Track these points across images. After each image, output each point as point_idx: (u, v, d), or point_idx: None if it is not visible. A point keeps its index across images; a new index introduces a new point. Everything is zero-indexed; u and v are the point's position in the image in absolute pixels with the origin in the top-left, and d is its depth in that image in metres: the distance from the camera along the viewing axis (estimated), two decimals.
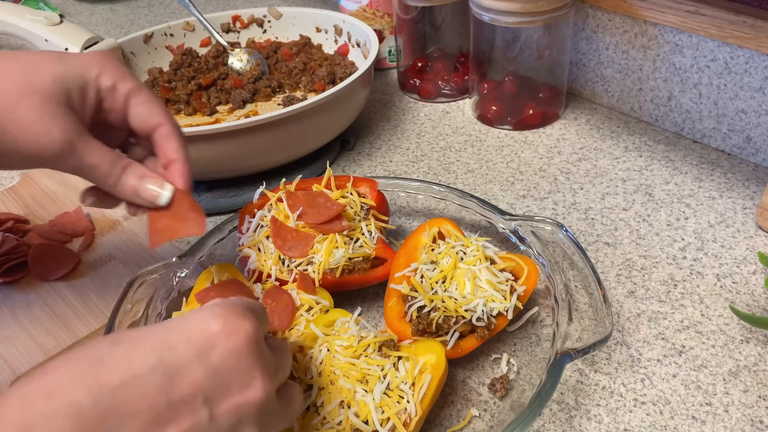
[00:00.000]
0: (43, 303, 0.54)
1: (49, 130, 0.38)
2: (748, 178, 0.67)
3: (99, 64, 0.41)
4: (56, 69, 0.39)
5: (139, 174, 0.42)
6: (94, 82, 0.41)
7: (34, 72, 0.39)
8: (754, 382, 0.46)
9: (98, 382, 0.28)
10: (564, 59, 0.76)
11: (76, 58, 0.40)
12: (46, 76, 0.39)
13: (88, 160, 0.40)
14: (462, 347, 0.46)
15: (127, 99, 0.42)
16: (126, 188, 0.42)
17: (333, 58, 0.86)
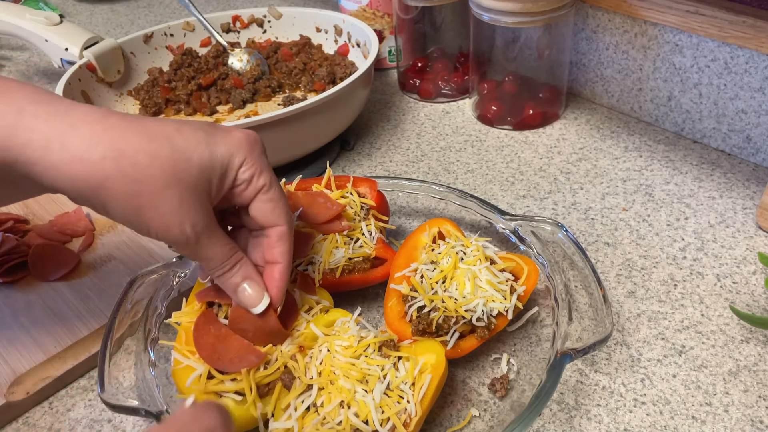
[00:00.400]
0: (43, 303, 0.54)
1: (182, 222, 0.38)
2: (748, 178, 0.67)
3: (243, 153, 0.40)
4: (203, 156, 0.38)
5: (244, 275, 0.42)
6: (234, 171, 0.40)
7: (183, 160, 0.37)
8: (754, 382, 0.46)
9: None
10: (564, 59, 0.76)
11: (224, 140, 0.39)
12: (193, 165, 0.38)
13: (206, 253, 0.40)
14: (462, 347, 0.46)
15: (257, 193, 0.41)
16: (228, 283, 0.42)
17: (333, 58, 0.86)
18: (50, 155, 0.34)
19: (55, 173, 0.35)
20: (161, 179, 0.36)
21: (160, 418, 0.41)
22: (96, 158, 0.35)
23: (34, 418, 0.48)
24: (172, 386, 0.45)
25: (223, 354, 0.41)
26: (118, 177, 0.35)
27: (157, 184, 0.36)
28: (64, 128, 0.35)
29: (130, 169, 0.36)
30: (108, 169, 0.35)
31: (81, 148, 0.35)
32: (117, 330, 0.46)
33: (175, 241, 0.39)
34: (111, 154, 0.35)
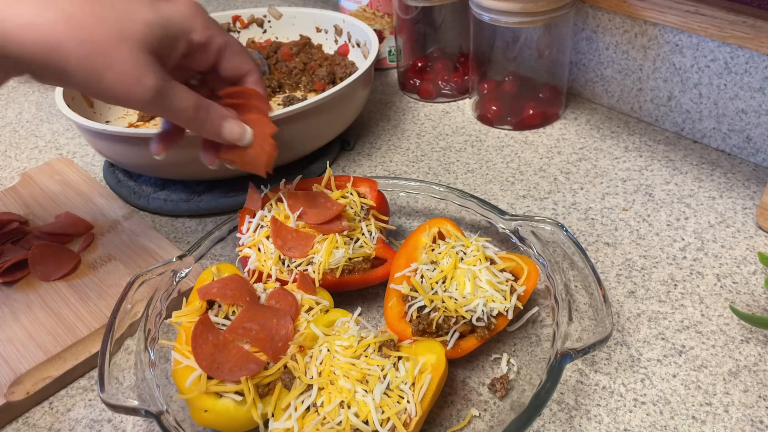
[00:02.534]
0: (43, 303, 0.54)
1: (140, 77, 0.40)
2: (748, 178, 0.67)
3: (191, 17, 0.43)
4: (147, 16, 0.40)
5: (220, 116, 0.46)
6: (185, 36, 0.43)
7: (128, 18, 0.39)
8: (754, 382, 0.46)
9: None
10: (564, 59, 0.76)
11: (169, 7, 0.42)
12: (137, 23, 0.40)
13: (176, 104, 0.43)
14: (462, 347, 0.46)
15: (220, 52, 0.45)
16: (209, 130, 0.45)
17: (333, 58, 0.86)
18: (3, 23, 0.36)
19: (8, 41, 0.36)
20: (110, 37, 0.38)
21: (160, 418, 0.41)
22: (47, 23, 0.37)
23: (34, 418, 0.48)
24: (172, 386, 0.45)
25: (222, 363, 0.41)
26: (71, 40, 0.37)
27: (107, 42, 0.38)
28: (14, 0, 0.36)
29: (80, 32, 0.37)
30: (60, 33, 0.37)
31: (32, 14, 0.36)
32: (117, 330, 0.46)
33: (140, 98, 0.40)
34: (61, 18, 0.37)
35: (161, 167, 0.65)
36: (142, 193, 0.69)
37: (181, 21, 0.42)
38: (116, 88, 0.40)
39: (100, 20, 0.38)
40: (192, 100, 0.44)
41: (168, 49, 0.42)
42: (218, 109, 0.46)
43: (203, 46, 0.44)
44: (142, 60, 0.40)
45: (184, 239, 0.65)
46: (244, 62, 0.47)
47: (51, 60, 0.38)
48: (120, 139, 0.62)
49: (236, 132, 0.46)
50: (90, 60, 0.38)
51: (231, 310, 0.45)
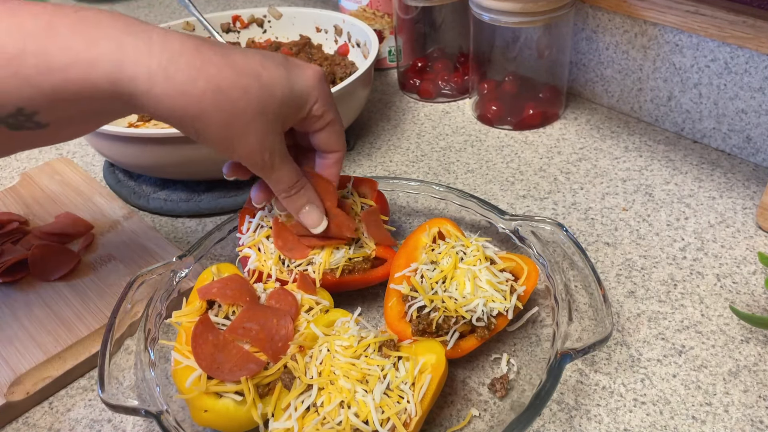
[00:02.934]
0: (43, 303, 0.54)
1: (263, 150, 0.43)
2: (748, 178, 0.67)
3: (318, 90, 0.45)
4: (284, 91, 0.42)
5: (308, 198, 0.49)
6: (309, 106, 0.45)
7: (268, 95, 0.41)
8: (754, 382, 0.46)
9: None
10: (564, 59, 0.76)
11: (301, 78, 0.44)
12: (276, 99, 0.42)
13: (276, 178, 0.46)
14: (462, 347, 0.46)
15: (326, 126, 0.47)
16: (294, 205, 0.48)
17: (333, 58, 0.86)
18: (155, 88, 0.37)
19: (158, 104, 0.38)
20: (250, 113, 0.41)
21: (160, 418, 0.41)
22: (197, 92, 0.38)
23: (34, 418, 0.48)
24: (172, 386, 0.45)
25: (222, 363, 0.41)
26: (215, 110, 0.39)
27: (246, 118, 0.41)
28: (164, 62, 0.37)
29: (226, 104, 0.39)
30: (206, 103, 0.39)
31: (183, 82, 0.38)
32: (117, 330, 0.46)
33: (255, 165, 0.44)
34: (210, 89, 0.39)
35: (161, 167, 0.65)
36: (142, 193, 0.69)
37: (309, 91, 0.44)
38: (240, 154, 0.43)
39: (244, 93, 0.40)
40: (293, 179, 0.47)
41: (293, 119, 0.45)
42: (309, 193, 0.49)
43: (316, 118, 0.46)
44: (271, 135, 0.43)
45: (184, 239, 0.65)
46: (338, 141, 0.49)
47: (193, 123, 0.40)
48: (120, 139, 0.62)
49: (314, 220, 0.49)
50: (227, 129, 0.41)
51: (231, 310, 0.45)
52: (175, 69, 0.38)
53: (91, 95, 0.37)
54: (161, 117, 0.40)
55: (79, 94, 0.36)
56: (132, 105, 0.39)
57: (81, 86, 0.36)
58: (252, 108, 0.41)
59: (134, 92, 0.37)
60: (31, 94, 0.35)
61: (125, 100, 0.38)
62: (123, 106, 0.39)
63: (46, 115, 0.37)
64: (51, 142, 0.40)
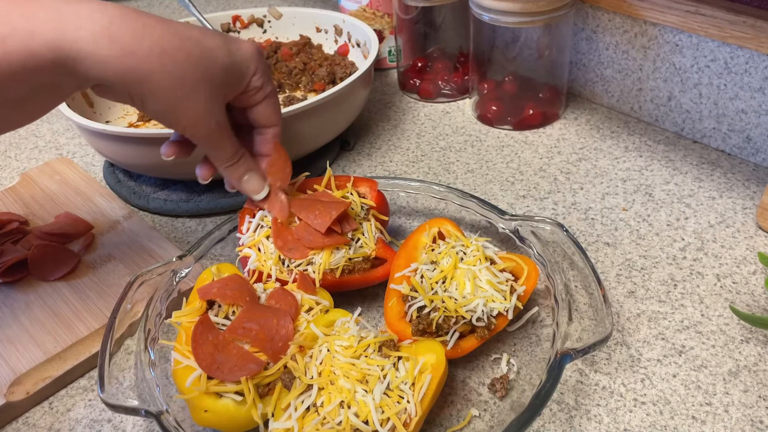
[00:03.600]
0: (43, 303, 0.54)
1: (209, 118, 0.43)
2: (748, 178, 0.67)
3: (256, 61, 0.46)
4: (225, 59, 0.43)
5: (247, 167, 0.49)
6: (249, 78, 0.45)
7: (211, 60, 0.42)
8: (754, 382, 0.46)
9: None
10: (564, 59, 0.76)
11: (239, 49, 0.44)
12: (218, 66, 0.43)
13: (221, 145, 0.46)
14: (462, 347, 0.46)
15: (263, 98, 0.48)
16: (235, 174, 0.49)
17: (333, 58, 0.86)
18: (99, 50, 0.37)
19: (104, 67, 0.38)
20: (196, 77, 0.41)
21: (160, 418, 0.41)
22: (143, 53, 0.38)
23: (34, 418, 0.48)
24: (172, 386, 0.45)
25: (222, 363, 0.41)
26: (161, 72, 0.39)
27: (192, 82, 0.41)
28: (107, 24, 0.37)
29: (171, 66, 0.39)
30: (153, 64, 0.39)
31: (128, 42, 0.38)
32: (117, 330, 0.46)
33: (201, 134, 0.44)
34: (155, 50, 0.39)
35: (161, 167, 0.65)
36: (142, 193, 0.70)
37: (248, 62, 0.45)
38: (186, 119, 0.43)
39: (189, 56, 0.41)
40: (234, 147, 0.48)
41: (234, 90, 0.45)
42: (248, 161, 0.49)
43: (255, 89, 0.47)
44: (214, 101, 0.43)
45: (184, 239, 0.65)
46: (274, 114, 0.50)
47: (138, 87, 0.40)
48: (120, 139, 0.62)
49: (255, 187, 0.50)
50: (173, 92, 0.41)
51: (231, 310, 0.45)
52: (118, 30, 0.38)
53: (34, 66, 0.36)
54: (107, 81, 0.39)
55: (21, 66, 0.36)
56: (77, 73, 0.38)
57: (21, 58, 0.35)
58: (197, 73, 0.41)
59: (78, 56, 0.37)
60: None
61: (69, 68, 0.37)
62: (68, 78, 0.38)
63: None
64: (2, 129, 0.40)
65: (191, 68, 0.41)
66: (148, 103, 0.41)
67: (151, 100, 0.41)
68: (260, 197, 0.51)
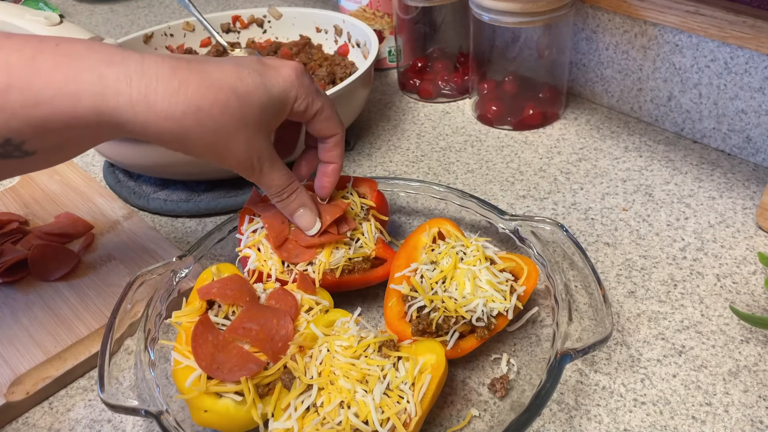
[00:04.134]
0: (43, 303, 0.54)
1: (251, 157, 0.45)
2: (748, 178, 0.67)
3: (296, 87, 0.46)
4: (263, 99, 0.44)
5: (300, 202, 0.50)
6: (290, 106, 0.46)
7: (248, 104, 0.43)
8: (754, 382, 0.46)
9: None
10: (564, 59, 0.76)
11: (277, 80, 0.45)
12: (255, 108, 0.43)
13: (267, 182, 0.47)
14: (462, 347, 0.46)
15: (313, 116, 0.48)
16: (287, 209, 0.50)
17: (333, 58, 0.86)
18: (138, 116, 0.39)
19: (144, 130, 0.40)
20: (233, 126, 0.42)
21: (160, 418, 0.41)
22: (178, 116, 0.40)
23: (34, 418, 0.48)
24: (172, 386, 0.45)
25: (222, 363, 0.41)
26: (198, 129, 0.41)
27: (229, 131, 0.42)
28: (143, 90, 0.39)
29: (207, 121, 0.41)
30: (189, 124, 0.41)
31: (164, 108, 0.39)
32: (117, 330, 0.46)
33: (246, 172, 0.46)
34: (190, 110, 0.40)
35: (161, 167, 0.65)
36: (142, 193, 0.70)
37: (288, 91, 0.45)
38: (231, 164, 0.45)
39: (224, 109, 0.42)
40: (284, 181, 0.48)
41: (277, 121, 0.46)
42: (302, 196, 0.50)
43: (302, 114, 0.47)
44: (255, 142, 0.44)
45: (184, 239, 0.65)
46: (332, 126, 0.50)
47: (179, 143, 0.42)
48: (120, 139, 0.61)
49: (308, 223, 0.51)
50: (213, 146, 0.43)
51: (231, 310, 0.45)
52: (154, 96, 0.39)
53: (78, 125, 0.38)
54: (150, 140, 0.41)
55: (66, 124, 0.38)
56: (120, 131, 0.40)
57: (67, 118, 0.37)
58: (234, 122, 0.42)
59: (119, 121, 0.39)
60: (18, 126, 0.36)
61: (112, 128, 0.39)
62: (111, 132, 0.41)
63: (33, 144, 0.38)
64: (40, 167, 0.42)
65: (227, 119, 0.42)
66: (191, 153, 0.43)
67: (194, 152, 0.43)
68: (312, 233, 0.51)
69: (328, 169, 0.52)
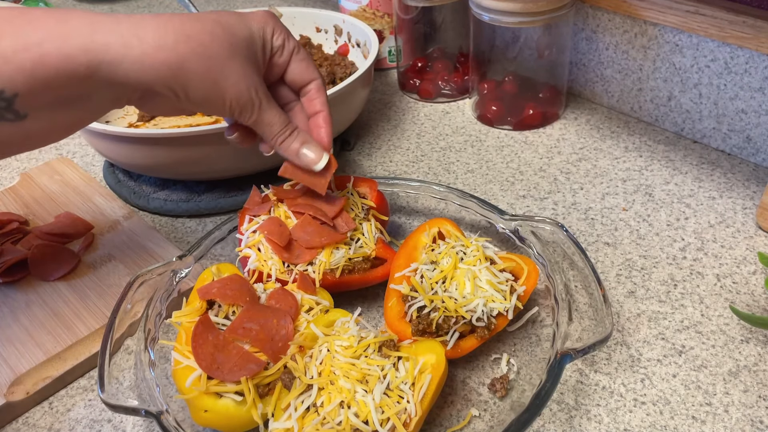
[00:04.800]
0: (43, 303, 0.54)
1: (249, 87, 0.45)
2: (748, 178, 0.67)
3: (271, 23, 0.47)
4: (244, 31, 0.45)
5: (302, 140, 0.49)
6: (269, 41, 0.47)
7: (233, 35, 0.44)
8: (754, 382, 0.46)
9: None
10: (564, 59, 0.76)
11: (253, 18, 0.46)
12: (240, 38, 0.44)
13: (267, 118, 0.47)
14: (462, 347, 0.46)
15: (290, 56, 0.48)
16: (290, 150, 0.49)
17: (333, 58, 0.86)
18: (132, 50, 0.39)
19: (140, 66, 0.39)
20: (224, 52, 0.43)
21: (160, 418, 0.41)
22: (171, 44, 0.40)
23: (34, 418, 0.48)
24: (172, 386, 0.45)
25: (222, 363, 0.41)
26: (193, 56, 0.41)
27: (222, 57, 0.43)
28: (132, 27, 0.39)
29: (200, 48, 0.41)
30: (183, 52, 0.41)
31: (155, 38, 0.40)
32: (117, 330, 0.46)
33: (246, 107, 0.45)
34: (181, 38, 0.41)
35: (161, 167, 0.65)
36: (142, 193, 0.70)
37: (264, 26, 0.46)
38: (229, 96, 0.44)
39: (213, 36, 0.42)
40: (284, 119, 0.48)
41: (262, 57, 0.47)
42: (302, 133, 0.50)
43: (280, 49, 0.48)
44: (248, 71, 0.44)
45: (184, 239, 0.65)
46: (310, 69, 0.50)
47: (177, 78, 0.41)
48: (120, 139, 0.62)
49: (315, 156, 0.50)
50: (210, 74, 0.42)
51: (231, 310, 0.45)
52: (143, 30, 0.39)
53: (70, 71, 0.37)
54: (146, 81, 0.40)
55: (57, 69, 0.37)
56: (115, 79, 0.39)
57: (57, 61, 0.37)
58: (223, 48, 0.43)
59: (113, 60, 0.38)
60: (10, 74, 0.36)
61: (105, 76, 0.39)
62: (103, 85, 0.40)
63: (26, 101, 0.37)
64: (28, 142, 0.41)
65: (218, 45, 0.42)
66: (191, 90, 0.42)
67: (193, 87, 0.42)
68: (320, 167, 0.50)
69: (318, 120, 0.51)
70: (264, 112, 0.47)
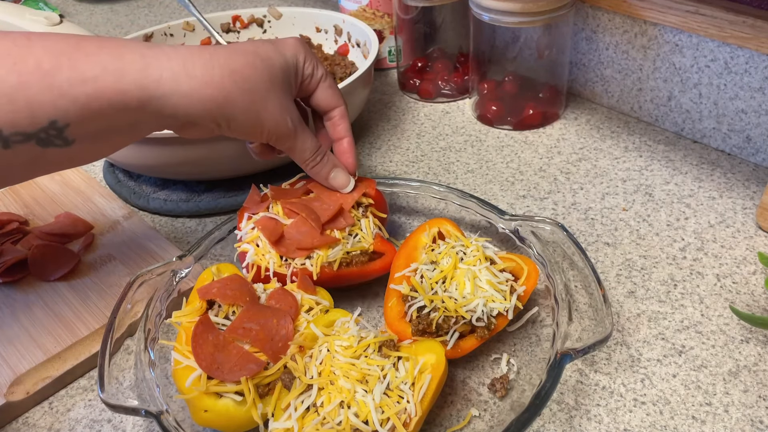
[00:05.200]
0: (43, 303, 0.54)
1: (285, 117, 0.47)
2: (748, 178, 0.67)
3: (302, 52, 0.49)
4: (280, 61, 0.47)
5: (333, 163, 0.53)
6: (302, 68, 0.49)
7: (272, 66, 0.46)
8: (754, 382, 0.46)
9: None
10: (564, 59, 0.76)
11: (286, 47, 0.48)
12: (277, 69, 0.46)
13: (300, 145, 0.50)
14: (462, 347, 0.46)
15: (318, 83, 0.51)
16: (320, 175, 0.53)
17: (333, 58, 0.86)
18: (181, 86, 0.41)
19: (188, 100, 0.41)
20: (264, 85, 0.45)
21: (160, 418, 0.41)
22: (217, 79, 0.42)
23: (34, 418, 0.48)
24: (172, 386, 0.45)
25: (222, 363, 0.41)
26: (237, 91, 0.43)
27: (263, 90, 0.45)
28: (182, 62, 0.41)
29: (243, 83, 0.44)
30: (228, 87, 0.43)
31: (203, 74, 0.42)
32: (117, 330, 0.46)
33: (282, 135, 0.48)
34: (226, 73, 0.43)
35: (161, 167, 0.65)
36: (142, 193, 0.70)
37: (297, 54, 0.49)
38: (270, 127, 0.46)
39: (254, 69, 0.44)
40: (315, 143, 0.51)
41: (295, 86, 0.49)
42: (332, 157, 0.53)
43: (309, 77, 0.50)
44: (284, 102, 0.47)
45: (184, 239, 0.65)
46: (336, 96, 0.52)
47: (223, 111, 0.43)
48: None
49: (343, 182, 0.53)
50: (253, 106, 0.45)
51: (231, 310, 0.45)
52: (192, 66, 0.41)
53: (122, 104, 0.39)
54: (193, 115, 0.42)
55: (110, 103, 0.39)
56: (164, 111, 0.41)
57: (112, 94, 0.39)
58: (264, 80, 0.45)
59: (164, 95, 0.40)
60: (65, 106, 0.37)
61: (154, 108, 0.41)
62: (151, 117, 0.41)
63: (75, 130, 0.39)
64: (70, 163, 0.42)
65: (258, 78, 0.44)
66: (233, 122, 0.45)
67: (236, 120, 0.44)
68: (349, 190, 0.54)
69: (343, 145, 0.54)
70: (298, 140, 0.49)
